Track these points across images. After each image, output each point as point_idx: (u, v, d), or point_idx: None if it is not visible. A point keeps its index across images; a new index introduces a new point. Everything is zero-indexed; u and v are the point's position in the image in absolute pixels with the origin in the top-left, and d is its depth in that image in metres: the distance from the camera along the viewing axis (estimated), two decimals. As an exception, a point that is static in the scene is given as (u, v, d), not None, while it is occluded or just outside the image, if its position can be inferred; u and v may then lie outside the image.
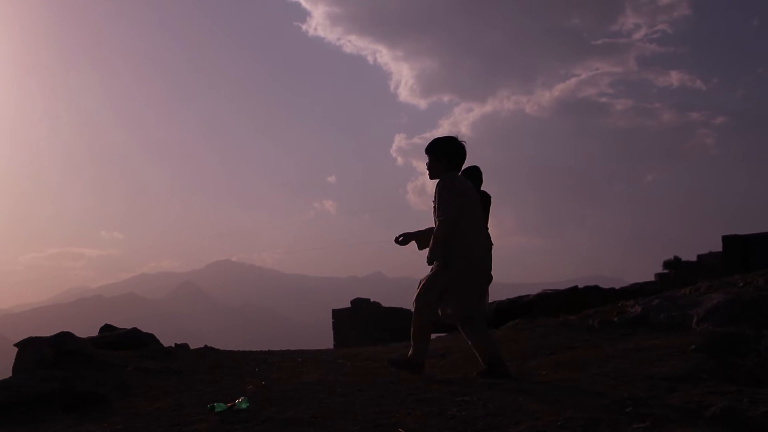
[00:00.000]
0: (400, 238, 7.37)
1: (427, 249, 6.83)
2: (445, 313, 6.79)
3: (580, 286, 12.58)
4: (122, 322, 10.93)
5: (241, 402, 5.51)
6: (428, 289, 6.77)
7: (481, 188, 9.28)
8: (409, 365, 6.89)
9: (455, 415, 4.81)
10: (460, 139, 6.95)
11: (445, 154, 6.88)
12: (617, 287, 14.69)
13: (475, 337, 6.73)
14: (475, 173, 9.26)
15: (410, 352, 6.95)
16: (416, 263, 7.26)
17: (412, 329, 6.86)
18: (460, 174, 6.97)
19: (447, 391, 5.76)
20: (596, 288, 13.42)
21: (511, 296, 13.97)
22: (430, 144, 7.01)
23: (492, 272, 7.40)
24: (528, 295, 13.38)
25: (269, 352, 10.37)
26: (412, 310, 6.86)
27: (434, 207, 6.81)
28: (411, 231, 7.36)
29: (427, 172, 7.03)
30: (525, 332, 9.33)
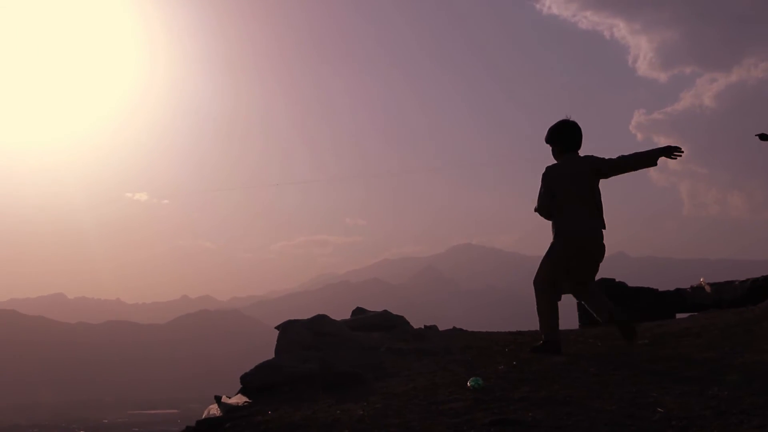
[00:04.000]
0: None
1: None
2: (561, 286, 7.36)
3: None
4: (369, 307, 11.23)
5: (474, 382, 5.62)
6: (540, 269, 7.38)
7: None
8: (546, 347, 7.24)
9: (717, 395, 4.64)
10: (570, 119, 7.31)
11: (556, 139, 7.31)
12: None
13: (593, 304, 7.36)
14: None
15: (542, 333, 7.41)
16: (661, 240, 7.10)
17: (537, 310, 7.41)
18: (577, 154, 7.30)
19: (706, 370, 5.57)
20: None
21: (766, 273, 13.20)
22: (546, 134, 7.39)
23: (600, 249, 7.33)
24: (788, 271, 12.60)
25: (518, 333, 10.38)
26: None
27: None
28: None
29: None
30: (787, 309, 8.83)
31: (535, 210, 7.40)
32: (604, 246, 7.28)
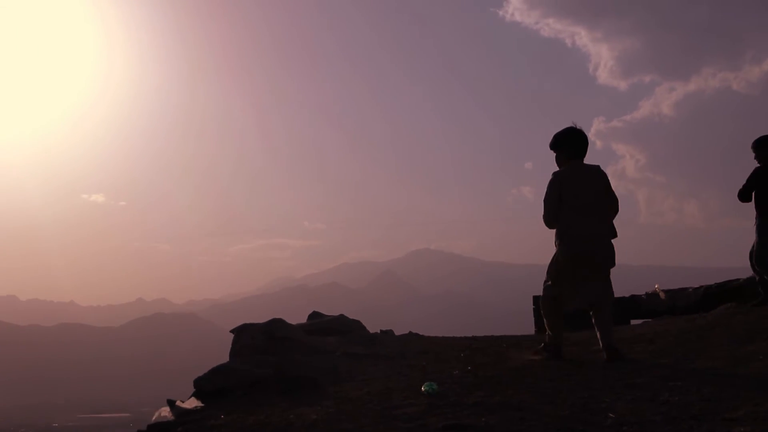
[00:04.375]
0: None
1: None
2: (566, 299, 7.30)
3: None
4: (326, 311, 11.23)
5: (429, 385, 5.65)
6: (547, 278, 7.33)
7: None
8: (546, 352, 7.29)
9: (668, 400, 4.69)
10: (577, 126, 7.29)
11: (564, 146, 7.29)
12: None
13: (599, 323, 7.11)
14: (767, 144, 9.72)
15: (546, 339, 7.44)
16: (617, 247, 7.17)
17: (542, 314, 7.47)
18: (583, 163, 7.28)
19: (658, 376, 5.63)
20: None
21: (719, 280, 13.39)
22: (551, 140, 7.39)
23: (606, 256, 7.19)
24: (737, 279, 12.78)
25: (473, 338, 10.41)
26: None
27: None
28: None
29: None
30: (738, 316, 8.94)
31: (544, 216, 7.26)
32: (611, 252, 7.16)
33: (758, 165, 9.73)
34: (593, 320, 7.15)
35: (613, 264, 7.16)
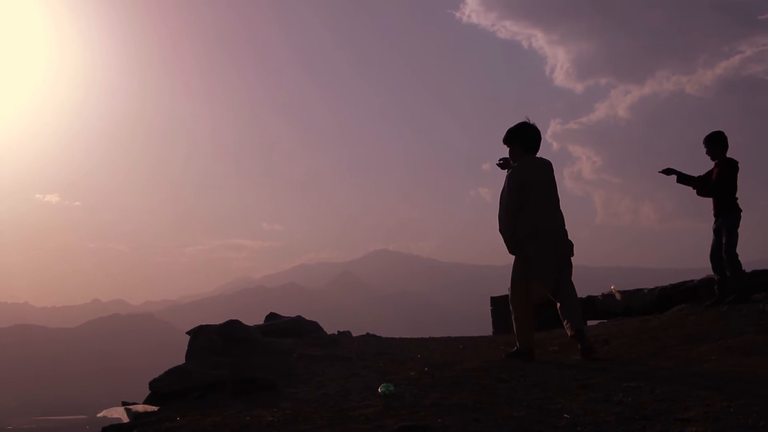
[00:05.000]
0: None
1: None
2: (534, 295, 7.20)
3: (748, 270, 12.06)
4: (284, 312, 11.22)
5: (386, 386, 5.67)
6: (514, 280, 7.26)
7: (726, 155, 9.91)
8: (519, 355, 7.21)
9: (621, 401, 4.74)
10: (530, 121, 7.37)
11: (518, 140, 7.34)
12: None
13: (568, 312, 7.12)
14: (718, 139, 9.95)
15: (517, 342, 7.32)
16: (574, 248, 7.24)
17: (512, 318, 7.34)
18: (537, 157, 7.36)
19: (612, 376, 5.69)
20: (765, 272, 12.87)
21: (674, 281, 13.54)
22: (505, 135, 7.42)
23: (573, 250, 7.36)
24: (692, 280, 12.93)
25: (430, 339, 10.45)
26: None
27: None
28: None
29: (509, 159, 7.53)
30: (692, 317, 9.05)
31: (498, 216, 7.29)
32: (571, 242, 7.30)
33: (715, 161, 9.88)
34: (561, 311, 7.18)
35: (572, 254, 7.31)
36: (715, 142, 9.88)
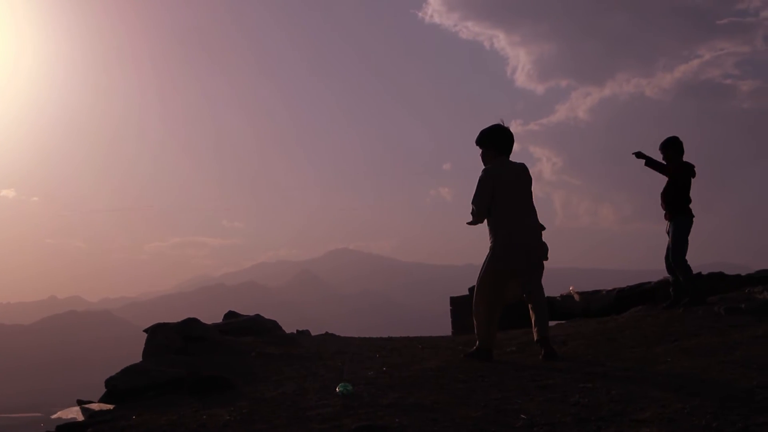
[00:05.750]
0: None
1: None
2: (508, 295, 7.27)
3: (704, 272, 12.22)
4: (243, 310, 11.17)
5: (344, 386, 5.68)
6: (481, 279, 7.25)
7: (683, 159, 10.09)
8: (478, 353, 7.25)
9: (578, 402, 4.77)
10: (504, 123, 7.40)
11: (491, 143, 7.36)
12: (743, 274, 14.23)
13: (537, 316, 7.14)
14: (673, 144, 10.14)
15: (477, 341, 7.34)
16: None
17: (473, 315, 7.33)
18: (509, 159, 7.39)
19: (569, 377, 5.72)
20: (721, 274, 13.04)
21: (631, 283, 13.68)
22: (478, 136, 7.44)
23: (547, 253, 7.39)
24: (649, 282, 13.07)
25: (389, 339, 10.45)
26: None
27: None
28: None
29: (482, 161, 7.48)
30: (648, 319, 9.15)
31: (472, 211, 7.28)
32: (545, 244, 7.32)
33: (671, 164, 10.01)
34: (531, 313, 7.21)
35: (546, 257, 7.33)
36: (671, 147, 10.02)
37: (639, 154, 10.28)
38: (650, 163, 10.27)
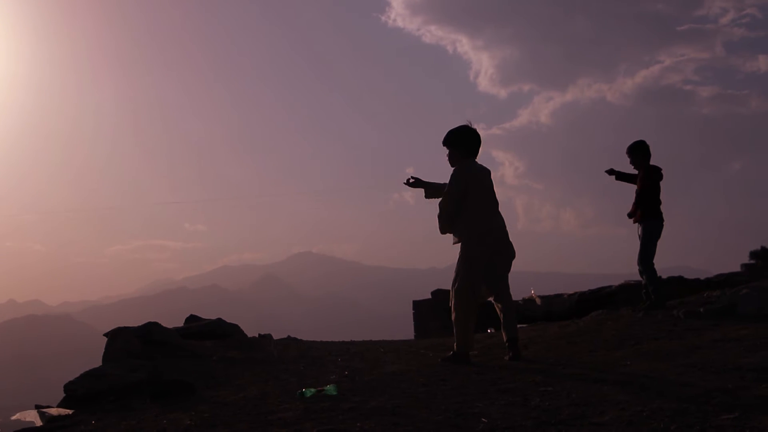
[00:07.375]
0: (411, 180, 7.81)
1: (435, 202, 7.50)
2: (480, 297, 7.30)
3: (664, 276, 12.34)
4: (206, 314, 11.11)
5: (330, 388, 5.67)
6: (457, 276, 7.21)
7: (650, 162, 10.15)
8: (456, 359, 7.22)
9: (539, 405, 4.79)
10: (472, 125, 7.43)
11: (461, 143, 7.37)
12: (702, 278, 14.42)
13: (507, 317, 7.27)
14: (640, 147, 10.21)
15: (455, 344, 7.30)
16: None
17: (453, 320, 7.28)
18: (477, 161, 7.42)
19: (530, 381, 5.75)
20: (680, 278, 13.19)
21: (592, 287, 13.80)
22: (446, 136, 7.41)
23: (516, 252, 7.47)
24: (610, 286, 13.19)
25: (351, 343, 10.45)
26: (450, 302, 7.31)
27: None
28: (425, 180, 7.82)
29: (448, 161, 7.46)
30: (608, 323, 9.22)
31: (445, 192, 7.30)
32: (512, 244, 7.38)
33: (639, 169, 10.11)
34: (500, 314, 7.29)
35: (514, 256, 7.40)
36: (638, 151, 10.11)
37: (610, 171, 10.42)
38: (621, 176, 10.41)
